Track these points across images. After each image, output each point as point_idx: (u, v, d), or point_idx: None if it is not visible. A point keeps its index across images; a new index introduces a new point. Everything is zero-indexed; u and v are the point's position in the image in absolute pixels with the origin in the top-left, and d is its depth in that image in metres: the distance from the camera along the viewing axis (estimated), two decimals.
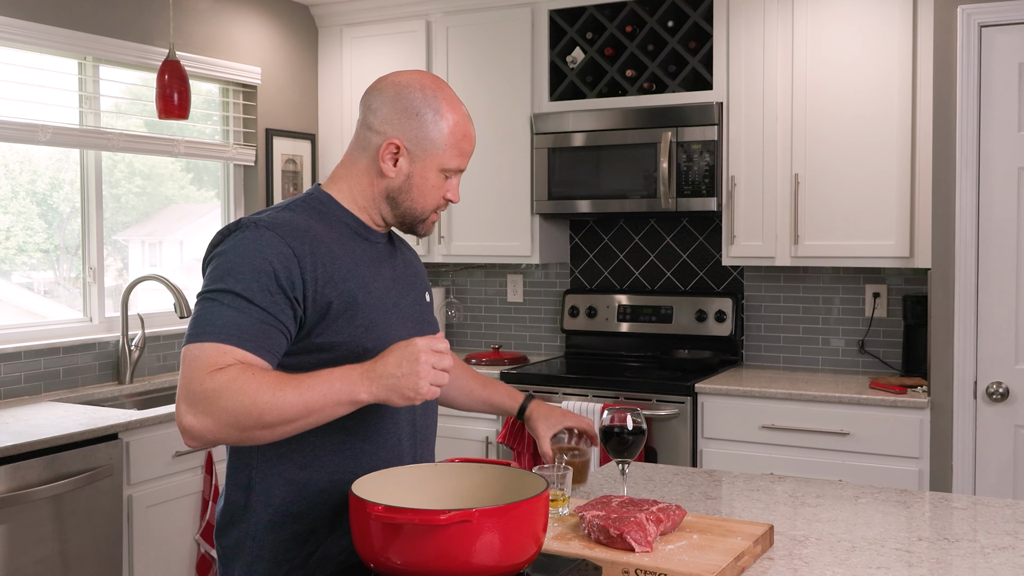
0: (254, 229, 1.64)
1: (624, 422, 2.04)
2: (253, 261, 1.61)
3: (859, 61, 3.79)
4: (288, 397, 1.52)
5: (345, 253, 1.73)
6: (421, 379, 1.53)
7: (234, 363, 1.55)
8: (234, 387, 1.51)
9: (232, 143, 4.58)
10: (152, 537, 3.35)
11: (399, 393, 1.54)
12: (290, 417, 1.53)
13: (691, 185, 4.05)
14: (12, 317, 3.83)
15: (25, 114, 3.68)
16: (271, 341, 1.60)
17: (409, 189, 1.78)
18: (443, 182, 1.80)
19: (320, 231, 1.71)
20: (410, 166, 1.77)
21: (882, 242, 3.78)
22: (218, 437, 1.54)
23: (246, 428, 1.53)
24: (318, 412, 1.54)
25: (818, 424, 3.65)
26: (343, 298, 1.68)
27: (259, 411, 1.51)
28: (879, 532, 1.96)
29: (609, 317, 4.57)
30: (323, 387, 1.54)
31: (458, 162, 1.80)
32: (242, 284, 1.59)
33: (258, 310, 1.59)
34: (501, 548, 1.43)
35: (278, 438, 1.57)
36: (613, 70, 4.29)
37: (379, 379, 1.54)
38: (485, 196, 4.54)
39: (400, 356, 1.54)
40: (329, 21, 4.91)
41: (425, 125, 1.75)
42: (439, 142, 1.76)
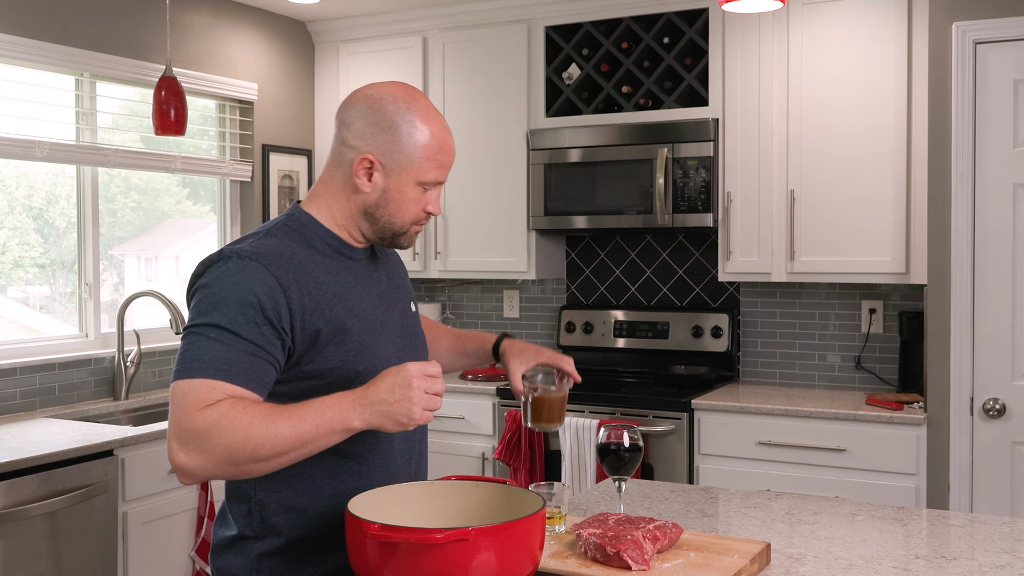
0: (237, 260, 1.62)
1: (621, 439, 2.04)
2: (238, 293, 1.58)
3: (854, 77, 3.81)
4: (281, 429, 1.51)
5: (330, 277, 1.70)
6: (414, 405, 1.52)
7: (224, 398, 1.53)
8: (226, 423, 1.50)
9: (228, 159, 4.58)
10: (147, 554, 3.34)
11: (392, 419, 1.53)
12: (284, 449, 1.52)
13: (687, 201, 4.05)
14: (8, 332, 3.83)
15: (22, 130, 3.68)
16: (260, 373, 1.58)
17: (386, 204, 1.74)
18: (421, 195, 1.75)
19: (303, 256, 1.69)
20: (385, 180, 1.72)
21: (878, 258, 3.79)
22: (212, 473, 1.53)
23: (240, 463, 1.52)
24: (312, 442, 1.53)
25: (815, 440, 3.64)
26: (331, 324, 1.66)
27: (253, 446, 1.50)
28: (876, 550, 1.95)
29: (605, 333, 4.57)
30: (315, 417, 1.52)
31: (436, 174, 1.75)
32: (228, 317, 1.57)
33: (245, 343, 1.57)
34: (497, 567, 1.43)
35: (273, 470, 1.56)
36: (609, 86, 4.30)
37: (372, 406, 1.53)
38: (481, 212, 4.54)
39: (392, 382, 1.53)
40: (326, 37, 4.92)
41: (399, 138, 1.71)
42: (414, 155, 1.71)
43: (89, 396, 3.90)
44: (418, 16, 4.66)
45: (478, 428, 4.26)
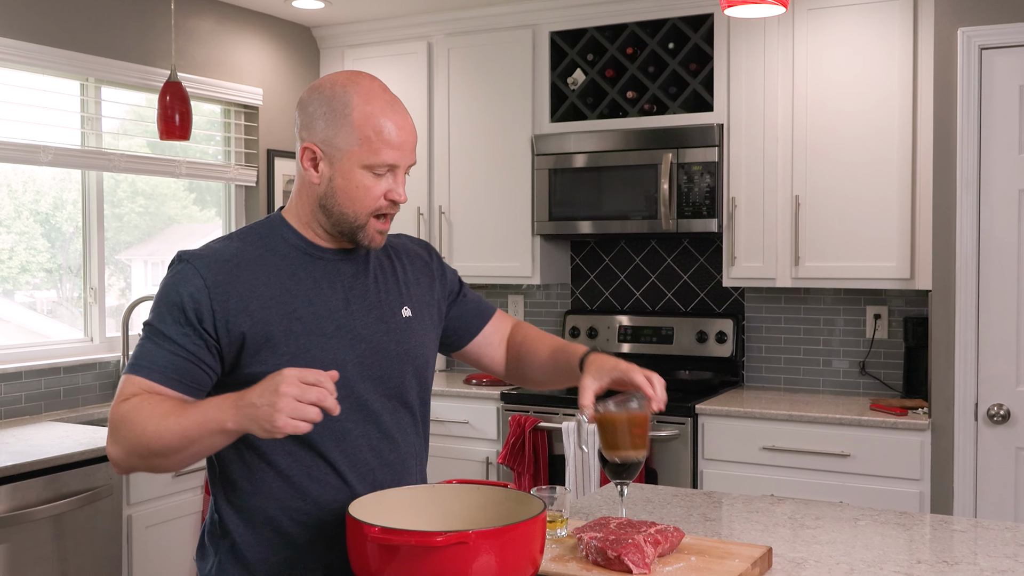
0: (178, 264, 1.67)
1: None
2: (169, 295, 1.64)
3: (859, 83, 3.81)
4: (170, 426, 1.52)
5: (275, 279, 1.68)
6: (278, 412, 1.42)
7: (140, 393, 1.58)
8: (130, 416, 1.55)
9: (233, 164, 4.60)
10: (151, 557, 3.35)
11: (257, 424, 1.45)
12: (173, 447, 1.53)
13: (692, 206, 4.05)
14: (15, 337, 3.84)
15: (27, 135, 3.69)
16: (182, 372, 1.61)
17: (334, 193, 1.68)
18: (374, 181, 1.67)
19: (251, 258, 1.68)
20: (330, 169, 1.68)
21: (883, 264, 3.79)
22: (130, 464, 1.58)
23: (144, 456, 1.56)
24: (197, 441, 1.52)
25: (819, 446, 3.64)
26: (257, 328, 1.64)
27: (147, 440, 1.53)
28: (878, 555, 1.95)
29: (610, 338, 4.57)
30: (199, 416, 1.51)
31: (384, 156, 1.66)
32: (158, 318, 1.64)
33: (169, 342, 1.61)
34: (498, 570, 1.43)
35: (179, 467, 1.59)
36: (614, 92, 4.30)
37: (243, 409, 1.47)
38: (486, 217, 4.55)
39: (264, 386, 1.46)
40: (331, 43, 4.94)
41: (335, 123, 1.66)
42: (352, 138, 1.65)
43: (94, 400, 3.91)
44: (423, 21, 4.67)
45: (482, 432, 4.26)
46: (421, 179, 4.68)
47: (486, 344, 2.03)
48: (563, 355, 1.95)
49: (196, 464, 3.41)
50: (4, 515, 2.88)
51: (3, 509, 2.89)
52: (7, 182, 3.83)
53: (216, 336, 1.63)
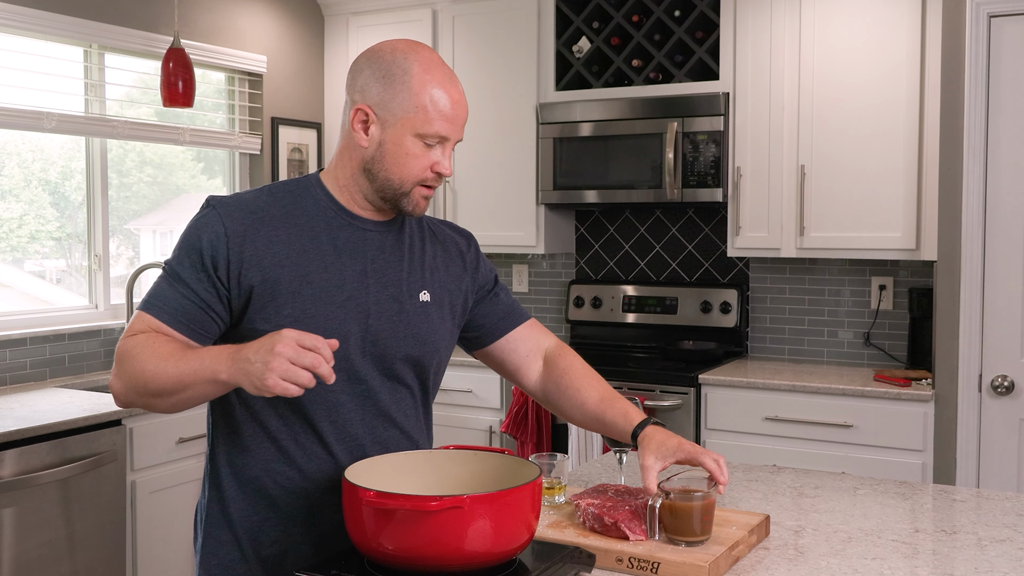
0: (205, 208, 1.69)
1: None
2: (190, 239, 1.65)
3: (867, 51, 3.77)
4: (168, 369, 1.53)
5: (295, 239, 1.66)
6: (270, 371, 1.42)
7: (146, 330, 1.60)
8: (134, 352, 1.57)
9: (238, 131, 4.58)
10: (155, 522, 3.37)
11: (248, 380, 1.45)
12: (169, 388, 1.54)
13: (697, 176, 4.03)
14: (24, 305, 3.85)
15: (31, 101, 3.68)
16: (191, 317, 1.62)
17: (382, 158, 1.66)
18: (424, 151, 1.66)
19: (275, 214, 1.67)
20: (382, 132, 1.66)
21: (888, 234, 3.77)
22: (129, 398, 1.60)
23: (142, 394, 1.58)
24: (191, 387, 1.53)
25: (822, 416, 3.64)
26: (266, 284, 1.63)
27: (145, 379, 1.55)
28: (876, 523, 1.95)
29: (614, 308, 4.57)
30: (195, 363, 1.52)
31: (437, 127, 1.65)
32: (177, 260, 1.65)
33: (183, 286, 1.63)
34: (493, 535, 1.43)
35: (173, 410, 1.60)
36: (619, 60, 4.27)
37: (238, 362, 1.47)
38: (490, 186, 4.53)
39: (261, 343, 1.46)
40: (335, 10, 4.90)
41: (393, 87, 1.64)
42: (408, 104, 1.64)
43: (99, 367, 3.92)
44: None
45: (486, 402, 4.27)
46: None
47: (511, 351, 1.94)
48: (614, 414, 1.86)
49: (200, 430, 3.45)
50: (11, 479, 2.90)
51: (10, 473, 2.91)
52: (16, 151, 3.82)
53: (227, 286, 1.63)
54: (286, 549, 1.69)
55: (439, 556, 1.42)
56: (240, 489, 1.70)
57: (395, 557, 1.43)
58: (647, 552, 1.65)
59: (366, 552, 1.47)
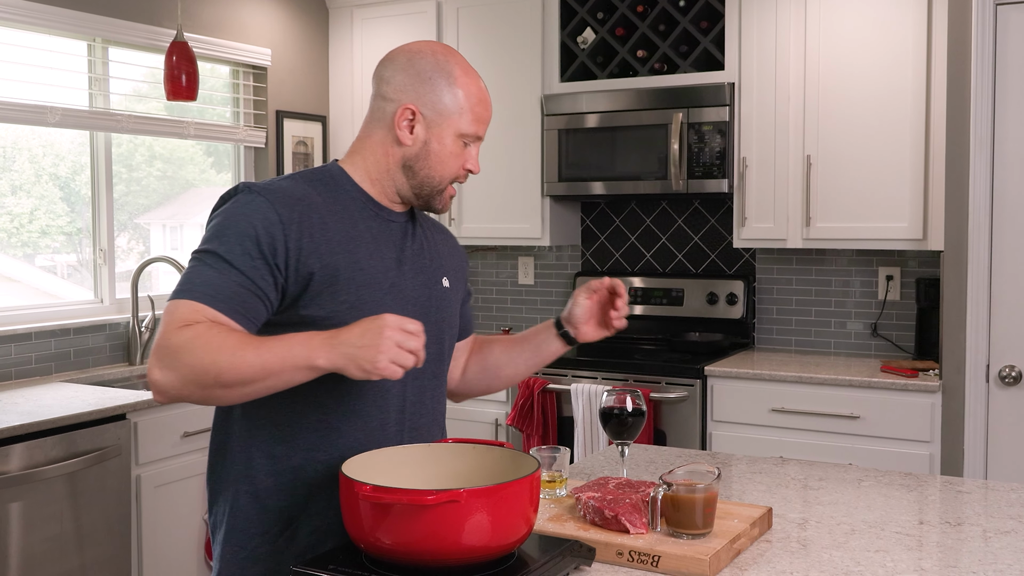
0: (247, 194, 1.64)
1: (623, 404, 2.02)
2: (239, 225, 1.61)
3: (873, 41, 3.75)
4: (247, 358, 1.50)
5: (341, 227, 1.69)
6: (381, 353, 1.48)
7: (203, 320, 1.54)
8: (198, 343, 1.50)
9: (242, 125, 4.58)
10: (160, 517, 3.37)
11: (356, 364, 1.49)
12: (248, 378, 1.51)
13: (703, 167, 4.01)
14: (35, 300, 3.86)
15: (35, 96, 3.68)
16: (246, 305, 1.59)
17: (427, 156, 1.74)
18: (461, 150, 1.76)
19: (318, 202, 1.68)
20: (427, 132, 1.73)
21: (895, 224, 3.75)
22: (182, 393, 1.54)
23: (206, 386, 1.52)
24: (276, 375, 1.52)
25: (828, 407, 3.62)
26: (326, 271, 1.64)
27: (218, 369, 1.50)
28: (880, 515, 1.94)
29: None
30: (282, 350, 1.51)
31: (476, 128, 1.76)
32: (225, 247, 1.59)
33: (237, 273, 1.58)
34: (491, 529, 1.42)
35: (240, 400, 1.56)
36: (624, 50, 4.25)
37: (339, 347, 1.50)
38: (496, 178, 4.52)
39: (365, 328, 1.50)
40: (340, 2, 4.89)
41: (439, 89, 1.73)
42: (454, 107, 1.73)
43: (104, 361, 3.93)
44: None
45: (491, 395, 4.26)
46: None
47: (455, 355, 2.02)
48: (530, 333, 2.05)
49: (205, 424, 3.45)
50: (17, 473, 2.91)
51: (16, 467, 2.91)
52: (27, 146, 3.83)
53: (285, 273, 1.62)
54: (325, 537, 1.68)
55: (437, 550, 1.41)
56: (278, 480, 1.69)
57: (392, 551, 1.43)
58: (648, 545, 1.64)
59: (364, 546, 1.46)
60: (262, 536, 1.70)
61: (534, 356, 2.03)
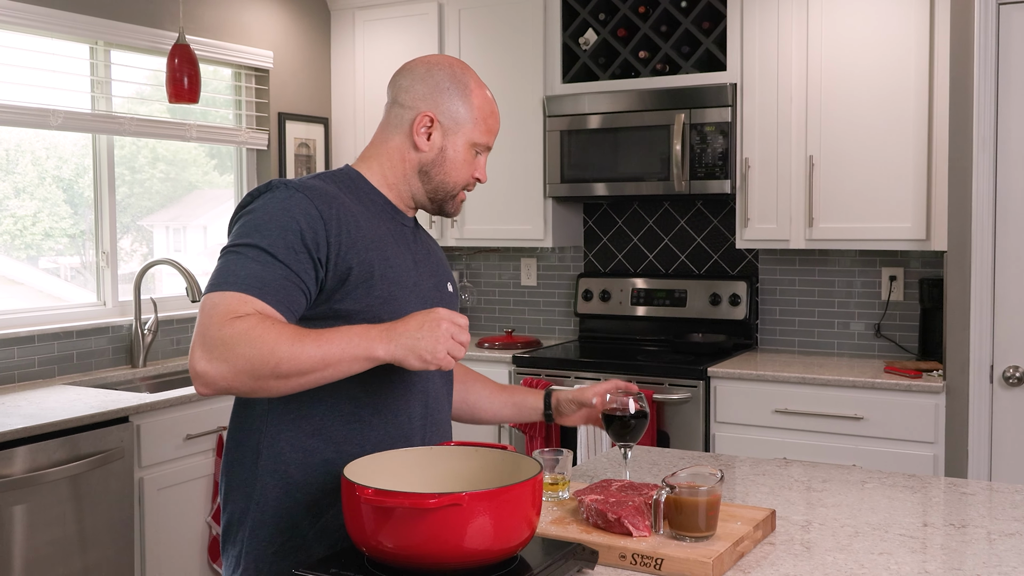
0: (284, 190, 1.68)
1: (626, 407, 2.01)
2: (280, 219, 1.63)
3: (875, 41, 3.74)
4: (307, 349, 1.53)
5: (370, 224, 1.75)
6: (440, 344, 1.56)
7: (253, 312, 1.56)
8: (253, 335, 1.52)
9: (244, 127, 4.58)
10: (164, 519, 3.37)
11: (416, 354, 1.56)
12: (307, 368, 1.54)
13: (705, 167, 4.01)
14: (38, 302, 3.86)
15: (37, 99, 3.68)
16: (291, 298, 1.62)
17: (442, 163, 1.82)
18: (473, 158, 1.85)
19: (348, 201, 1.74)
20: (443, 139, 1.81)
21: (898, 225, 3.74)
22: (231, 385, 1.54)
23: (261, 377, 1.53)
24: (335, 365, 1.56)
25: (832, 408, 3.61)
26: (363, 266, 1.69)
27: (276, 360, 1.52)
28: (884, 517, 1.93)
29: (623, 301, 4.55)
30: (342, 341, 1.56)
31: (486, 138, 1.85)
32: (268, 240, 1.62)
33: (281, 266, 1.61)
34: (493, 532, 1.42)
35: (290, 391, 1.58)
36: (626, 52, 4.25)
37: (399, 338, 1.56)
38: (498, 179, 4.51)
39: (422, 320, 1.58)
40: (341, 4, 4.89)
41: (455, 100, 1.81)
42: (468, 117, 1.82)
43: (107, 364, 3.93)
44: None
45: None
46: None
47: None
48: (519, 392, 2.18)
49: (208, 426, 3.45)
50: (20, 476, 2.91)
51: (19, 470, 2.91)
52: (30, 149, 3.83)
53: (326, 267, 1.66)
54: None
55: (439, 554, 1.40)
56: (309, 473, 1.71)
57: (395, 555, 1.42)
58: (651, 548, 1.64)
59: (366, 549, 1.46)
60: (292, 530, 1.72)
61: (514, 413, 2.16)
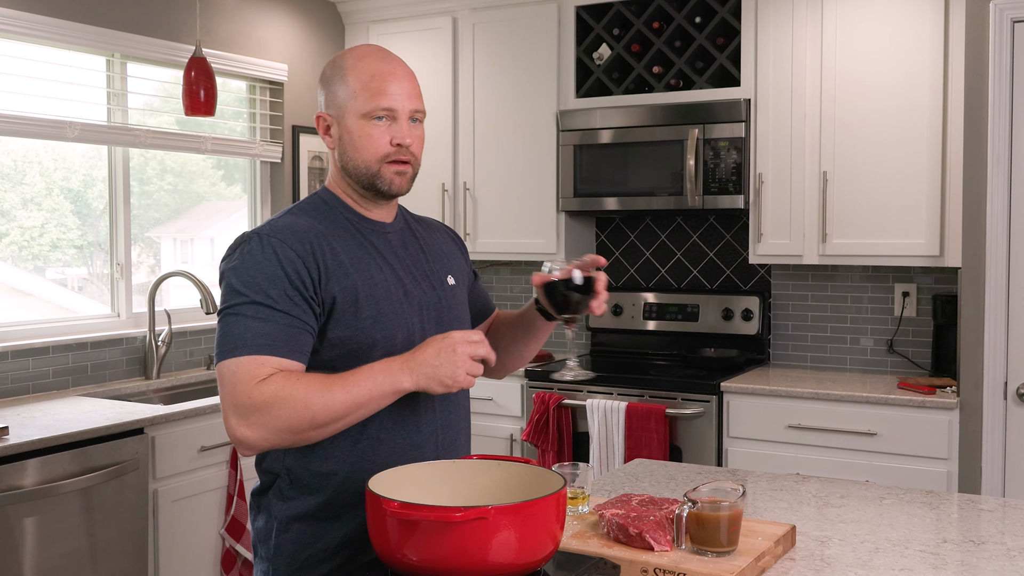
0: (258, 240, 1.70)
1: (569, 274, 1.82)
2: (266, 269, 1.66)
3: (889, 57, 3.75)
4: (337, 396, 1.60)
5: (346, 248, 1.76)
6: (459, 368, 1.61)
7: (275, 372, 1.62)
8: (284, 394, 1.59)
9: (259, 140, 4.60)
10: (177, 531, 3.37)
11: (438, 381, 1.62)
12: (341, 414, 1.61)
13: (718, 183, 4.02)
14: (45, 313, 3.87)
15: (54, 111, 3.71)
16: (300, 343, 1.66)
17: (345, 150, 1.79)
18: (378, 129, 1.76)
19: (321, 229, 1.75)
20: (339, 129, 1.79)
21: (912, 241, 3.74)
22: (273, 443, 1.63)
23: (300, 431, 1.61)
24: (366, 405, 1.63)
25: (845, 424, 3.61)
26: (345, 292, 1.71)
27: (312, 413, 1.59)
28: (903, 533, 1.93)
29: (635, 315, 4.55)
30: (368, 382, 1.61)
31: (375, 101, 1.75)
32: (261, 294, 1.65)
33: (282, 315, 1.65)
34: (518, 546, 1.42)
35: (329, 435, 1.65)
36: (640, 67, 4.26)
37: (419, 367, 1.62)
38: (510, 193, 4.53)
39: (438, 347, 1.62)
40: (356, 18, 4.91)
41: (335, 87, 1.79)
42: (347, 94, 1.77)
43: (121, 375, 3.94)
44: None
45: (507, 409, 4.26)
46: (446, 155, 4.66)
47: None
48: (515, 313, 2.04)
49: (223, 438, 3.45)
50: (33, 488, 2.91)
51: (32, 482, 2.92)
52: (38, 159, 3.85)
53: (318, 300, 1.69)
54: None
55: (463, 567, 1.40)
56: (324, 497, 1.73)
57: (419, 568, 1.42)
58: (673, 563, 1.64)
59: (390, 563, 1.46)
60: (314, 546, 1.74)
61: (525, 331, 2.00)
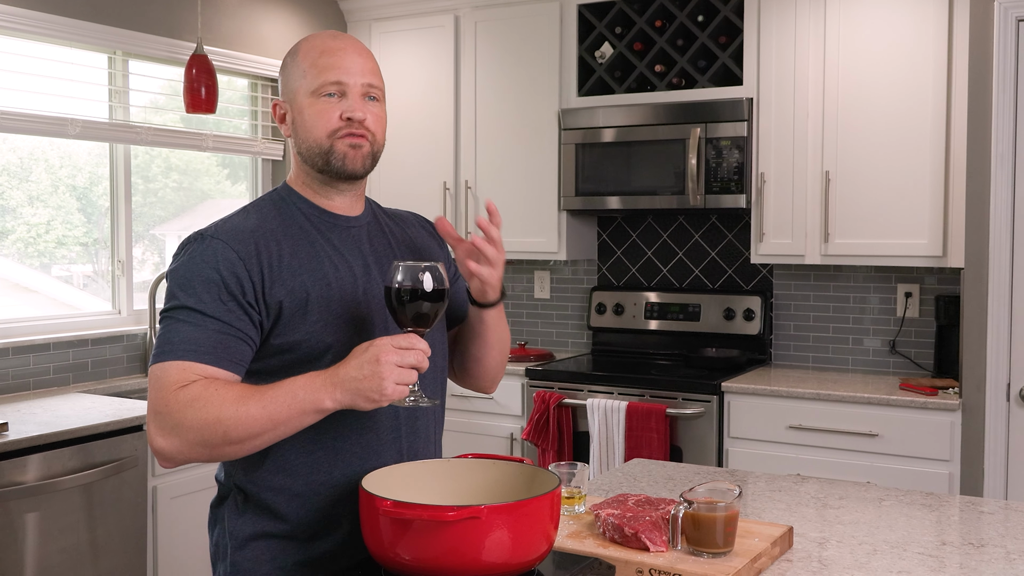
0: (200, 241, 1.63)
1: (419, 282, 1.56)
2: (202, 272, 1.59)
3: (893, 56, 3.73)
4: (252, 411, 1.49)
5: (299, 248, 1.67)
6: (384, 380, 1.46)
7: (197, 379, 1.52)
8: (198, 404, 1.49)
9: (260, 137, 4.59)
10: (176, 528, 3.37)
11: (364, 396, 1.48)
12: (256, 431, 1.50)
13: (720, 182, 4.00)
14: (51, 310, 3.87)
15: (55, 108, 3.70)
16: (231, 351, 1.57)
17: (298, 132, 1.72)
18: (328, 106, 1.68)
19: (273, 228, 1.67)
20: (292, 113, 1.73)
21: (915, 241, 3.72)
22: (189, 456, 1.52)
23: (214, 445, 1.50)
24: (284, 423, 1.50)
25: (846, 425, 3.59)
26: (293, 296, 1.62)
27: (224, 427, 1.49)
28: (902, 535, 1.92)
29: (636, 314, 4.54)
30: (286, 398, 1.50)
31: (323, 76, 1.68)
32: (194, 298, 1.57)
33: (213, 321, 1.56)
34: (511, 545, 1.41)
35: (250, 452, 1.54)
36: (642, 65, 4.25)
37: (342, 384, 1.48)
38: (512, 192, 4.52)
39: (361, 359, 1.48)
40: (358, 16, 4.91)
41: (288, 73, 1.75)
42: (297, 75, 1.71)
43: (121, 372, 3.94)
44: None
45: (507, 409, 4.26)
46: (447, 153, 4.65)
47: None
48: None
49: None
50: (34, 484, 2.91)
51: (33, 478, 2.92)
52: (44, 157, 3.85)
53: (257, 308, 1.60)
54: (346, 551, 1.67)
55: (456, 567, 1.40)
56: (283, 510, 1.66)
57: (412, 567, 1.42)
58: (668, 563, 1.63)
59: (383, 562, 1.45)
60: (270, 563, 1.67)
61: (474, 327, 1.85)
